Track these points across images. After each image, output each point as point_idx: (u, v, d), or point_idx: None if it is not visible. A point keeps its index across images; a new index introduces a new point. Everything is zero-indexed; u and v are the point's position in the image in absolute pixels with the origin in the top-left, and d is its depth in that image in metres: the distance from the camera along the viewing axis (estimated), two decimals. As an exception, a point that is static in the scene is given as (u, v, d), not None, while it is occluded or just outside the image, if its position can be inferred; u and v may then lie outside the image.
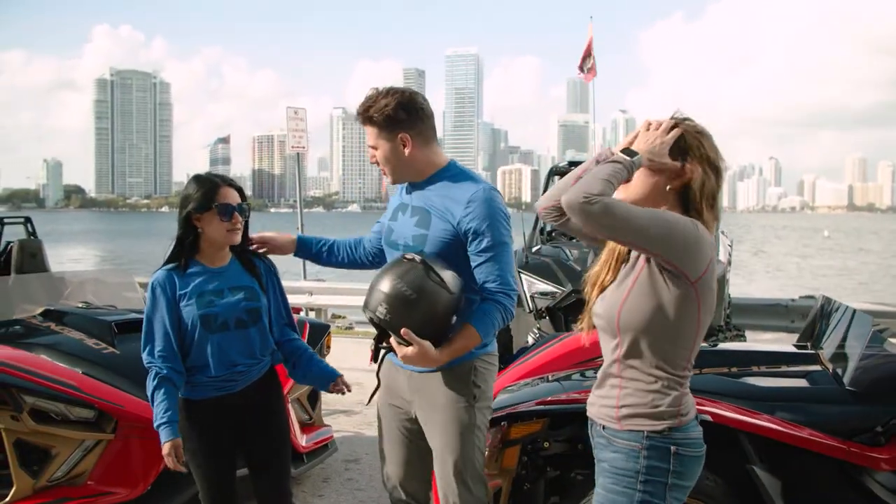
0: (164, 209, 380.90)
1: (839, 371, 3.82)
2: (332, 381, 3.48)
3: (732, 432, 3.40)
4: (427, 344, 2.91)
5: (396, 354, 3.01)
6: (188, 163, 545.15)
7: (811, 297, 10.18)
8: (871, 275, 39.09)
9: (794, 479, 3.41)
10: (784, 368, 4.09)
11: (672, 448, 2.39)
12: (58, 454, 4.25)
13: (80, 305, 5.91)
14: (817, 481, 3.46)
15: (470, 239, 3.06)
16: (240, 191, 3.35)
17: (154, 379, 3.21)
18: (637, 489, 2.40)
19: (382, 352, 3.12)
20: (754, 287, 26.17)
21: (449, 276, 2.96)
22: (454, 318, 2.99)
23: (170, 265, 3.32)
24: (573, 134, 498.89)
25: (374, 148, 3.20)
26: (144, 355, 3.26)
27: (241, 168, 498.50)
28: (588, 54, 16.73)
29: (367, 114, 3.14)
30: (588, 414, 2.61)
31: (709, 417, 3.34)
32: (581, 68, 17.41)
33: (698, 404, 3.38)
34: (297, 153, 14.38)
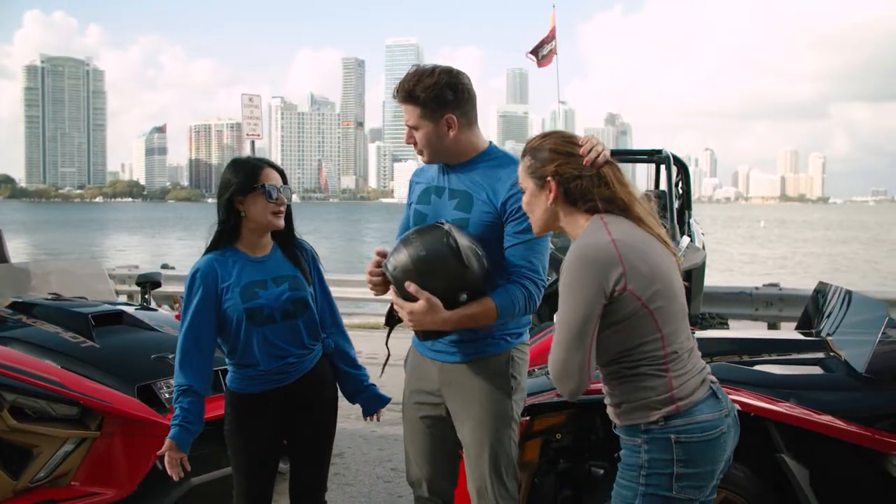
0: (98, 199, 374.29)
1: (851, 357, 3.78)
2: (381, 406, 3.47)
3: (757, 421, 3.34)
4: (435, 300, 2.76)
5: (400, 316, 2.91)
6: (123, 152, 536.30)
7: (774, 285, 10.29)
8: (812, 262, 39.93)
9: (822, 467, 3.37)
10: (795, 356, 4.05)
11: (672, 437, 2.34)
12: (40, 454, 4.01)
13: (48, 297, 5.63)
14: (844, 469, 3.43)
15: (509, 219, 2.93)
16: (281, 173, 3.22)
17: (174, 393, 3.14)
18: (640, 482, 2.37)
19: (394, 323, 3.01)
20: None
21: (466, 245, 2.82)
22: (464, 294, 2.81)
23: (212, 253, 3.18)
24: (513, 124, 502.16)
25: (415, 128, 3.03)
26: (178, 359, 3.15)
27: (177, 158, 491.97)
28: (548, 41, 16.71)
29: (412, 92, 2.97)
30: None
31: (736, 406, 3.29)
32: (535, 54, 17.34)
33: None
34: (252, 141, 13.98)
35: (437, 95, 2.95)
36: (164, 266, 13.87)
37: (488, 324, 2.90)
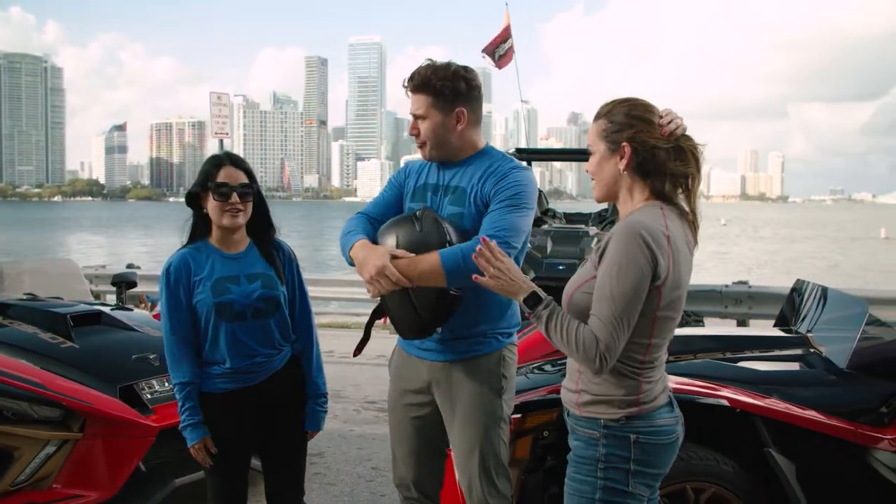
0: (57, 198, 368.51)
1: (833, 354, 3.85)
2: (309, 431, 3.36)
3: (745, 417, 3.39)
4: (381, 249, 2.84)
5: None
6: (82, 150, 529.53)
7: (743, 282, 10.39)
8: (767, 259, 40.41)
9: (808, 461, 3.42)
10: (777, 352, 4.11)
11: (632, 437, 2.37)
12: (21, 456, 3.96)
13: (23, 297, 5.54)
14: (829, 463, 3.49)
15: (493, 197, 2.93)
16: (248, 172, 3.19)
17: (176, 391, 3.11)
18: (598, 476, 2.39)
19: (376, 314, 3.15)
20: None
21: (431, 222, 2.87)
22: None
23: (186, 248, 3.18)
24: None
25: (422, 118, 3.02)
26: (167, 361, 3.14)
27: (138, 156, 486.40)
28: (504, 40, 16.65)
29: (428, 80, 2.97)
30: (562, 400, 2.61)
31: (725, 402, 3.35)
32: (492, 54, 17.23)
33: (710, 389, 3.40)
34: (221, 139, 13.88)
35: (454, 87, 2.97)
36: (130, 266, 13.70)
37: (435, 277, 2.78)
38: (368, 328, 3.21)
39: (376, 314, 3.12)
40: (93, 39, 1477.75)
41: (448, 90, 2.97)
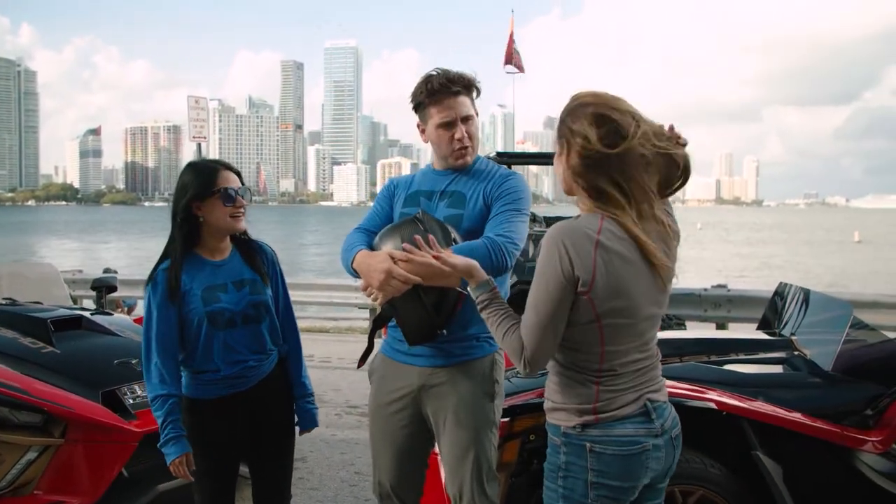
0: (31, 203, 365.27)
1: (817, 356, 3.88)
2: (306, 429, 3.34)
3: (732, 419, 3.40)
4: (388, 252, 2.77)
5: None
6: (57, 155, 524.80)
7: (722, 286, 10.43)
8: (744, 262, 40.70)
9: (795, 463, 3.44)
10: (762, 355, 4.13)
11: (587, 445, 2.29)
12: (2, 462, 3.89)
13: (2, 302, 5.47)
14: (815, 465, 3.50)
15: (493, 203, 2.96)
16: (238, 174, 3.17)
17: (158, 404, 3.01)
18: (559, 484, 2.34)
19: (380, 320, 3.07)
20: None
21: (433, 223, 2.86)
22: None
23: (166, 263, 3.09)
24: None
25: (470, 119, 3.04)
26: (145, 374, 3.05)
27: (113, 160, 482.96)
28: (510, 44, 16.94)
29: (472, 82, 3.04)
30: None
31: (712, 405, 3.35)
32: (514, 63, 17.65)
33: (697, 392, 3.41)
34: (199, 143, 13.79)
35: (478, 89, 3.08)
36: (107, 270, 13.58)
37: (451, 274, 2.68)
38: (371, 338, 3.17)
39: (378, 323, 3.08)
40: (67, 43, 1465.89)
41: (478, 91, 3.07)
